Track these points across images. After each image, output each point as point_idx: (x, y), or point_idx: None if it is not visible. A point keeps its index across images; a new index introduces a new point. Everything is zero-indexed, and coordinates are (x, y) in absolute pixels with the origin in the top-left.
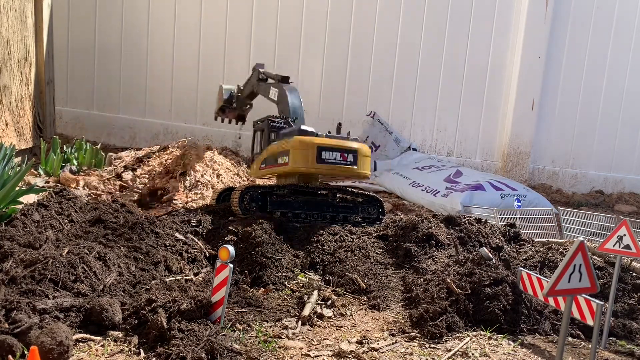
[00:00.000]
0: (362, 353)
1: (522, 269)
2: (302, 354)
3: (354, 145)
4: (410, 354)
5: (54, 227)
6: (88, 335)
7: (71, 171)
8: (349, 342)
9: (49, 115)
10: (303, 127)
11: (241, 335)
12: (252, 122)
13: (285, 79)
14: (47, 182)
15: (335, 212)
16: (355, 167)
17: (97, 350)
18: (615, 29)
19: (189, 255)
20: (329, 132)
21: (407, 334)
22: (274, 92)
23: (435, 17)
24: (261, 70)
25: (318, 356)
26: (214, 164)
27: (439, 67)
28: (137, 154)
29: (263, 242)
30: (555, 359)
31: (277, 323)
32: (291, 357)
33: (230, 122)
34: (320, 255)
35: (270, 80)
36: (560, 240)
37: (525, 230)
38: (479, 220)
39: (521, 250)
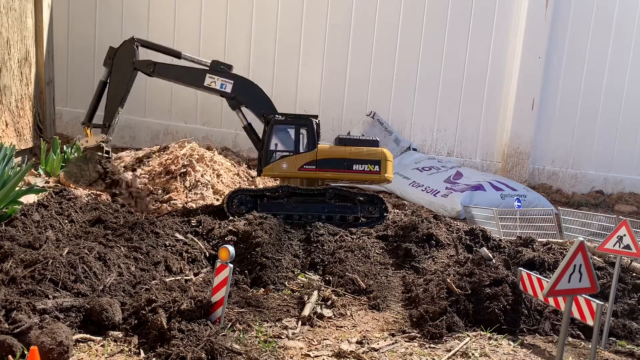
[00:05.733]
0: (362, 353)
1: (522, 269)
2: (302, 354)
3: None
4: (410, 354)
5: (54, 227)
6: (88, 335)
7: None
8: (349, 342)
9: (49, 115)
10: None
11: (241, 335)
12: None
13: (230, 68)
14: (47, 182)
15: (331, 212)
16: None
17: (97, 350)
18: (615, 29)
19: (189, 256)
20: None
21: (407, 334)
22: (217, 82)
23: (435, 17)
24: (137, 38)
25: (318, 356)
26: (214, 164)
27: (439, 67)
28: (137, 154)
29: (263, 242)
30: (555, 359)
31: (277, 323)
32: (291, 357)
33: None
34: (321, 256)
35: (183, 61)
36: (560, 240)
37: (526, 230)
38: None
39: None
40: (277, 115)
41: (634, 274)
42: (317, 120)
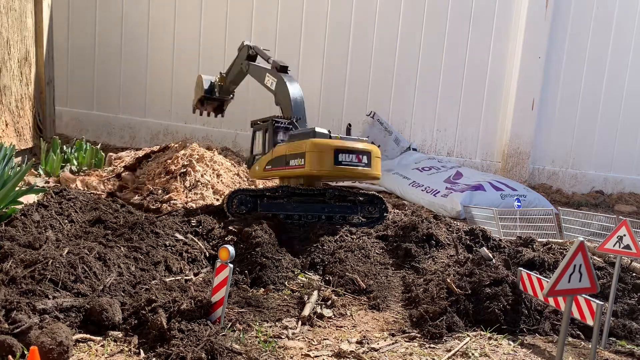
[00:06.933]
0: (362, 353)
1: (522, 269)
2: (302, 354)
3: (368, 147)
4: (410, 354)
5: (54, 227)
6: (88, 335)
7: (71, 171)
8: (349, 342)
9: (49, 116)
10: (318, 129)
11: (241, 335)
12: (249, 122)
13: (283, 69)
14: (47, 182)
15: (331, 212)
16: (369, 168)
17: (97, 351)
18: (615, 29)
19: (189, 256)
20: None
21: (407, 334)
22: (270, 80)
23: (435, 17)
24: (251, 45)
25: (318, 356)
26: (214, 164)
27: (439, 67)
28: (137, 154)
29: (263, 242)
30: (555, 359)
31: (277, 323)
32: (291, 357)
33: (208, 114)
34: (320, 256)
35: (262, 62)
36: (560, 240)
37: (526, 230)
38: None
39: None
40: (258, 121)
41: (634, 274)
42: (283, 121)
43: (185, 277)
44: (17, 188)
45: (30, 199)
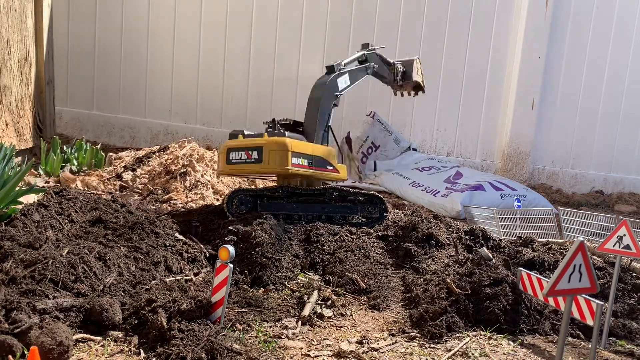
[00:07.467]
0: (362, 353)
1: (522, 269)
2: (302, 354)
3: (261, 141)
4: (410, 354)
5: (54, 227)
6: (88, 335)
7: (71, 171)
8: (349, 342)
9: (49, 115)
10: (231, 131)
11: (241, 335)
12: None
13: (328, 69)
14: (47, 182)
15: (331, 212)
16: (259, 164)
17: (97, 351)
18: (615, 28)
19: (189, 255)
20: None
21: (407, 334)
22: None
23: (435, 17)
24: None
25: (318, 356)
26: (214, 164)
27: (439, 66)
28: (137, 154)
29: (263, 242)
30: (555, 359)
31: (277, 323)
32: (291, 357)
33: (409, 94)
34: (320, 256)
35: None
36: (560, 240)
37: (526, 230)
38: None
39: None
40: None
41: (634, 274)
42: (271, 125)
43: (185, 277)
44: (17, 188)
45: (30, 199)
